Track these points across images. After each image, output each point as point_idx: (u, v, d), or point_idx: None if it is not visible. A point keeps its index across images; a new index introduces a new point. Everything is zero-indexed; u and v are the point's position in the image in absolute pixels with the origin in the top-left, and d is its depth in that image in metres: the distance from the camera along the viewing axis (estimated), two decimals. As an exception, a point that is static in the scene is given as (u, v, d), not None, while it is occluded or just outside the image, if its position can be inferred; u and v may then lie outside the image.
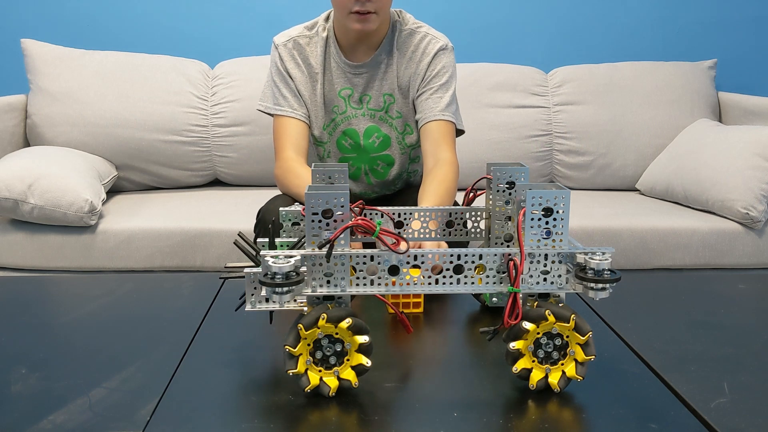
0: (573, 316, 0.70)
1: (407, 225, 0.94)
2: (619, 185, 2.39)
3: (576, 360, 0.72)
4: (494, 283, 0.72)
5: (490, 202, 0.90)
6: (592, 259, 0.69)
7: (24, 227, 1.83)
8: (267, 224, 1.36)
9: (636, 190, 2.37)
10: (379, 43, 1.43)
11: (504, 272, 0.72)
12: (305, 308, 0.71)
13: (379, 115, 1.47)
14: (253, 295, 0.70)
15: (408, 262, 0.70)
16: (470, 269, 0.71)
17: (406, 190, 1.60)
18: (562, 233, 0.71)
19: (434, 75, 1.43)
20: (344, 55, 1.44)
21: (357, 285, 0.71)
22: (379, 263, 0.70)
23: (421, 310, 0.95)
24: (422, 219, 0.94)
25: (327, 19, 1.46)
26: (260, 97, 1.49)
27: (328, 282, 0.70)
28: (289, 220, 0.87)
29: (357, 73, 1.45)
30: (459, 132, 1.49)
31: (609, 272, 0.69)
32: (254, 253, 0.77)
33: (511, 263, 0.70)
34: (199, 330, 0.89)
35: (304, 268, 0.68)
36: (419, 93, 1.44)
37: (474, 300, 1.00)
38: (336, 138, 1.49)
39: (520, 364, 0.71)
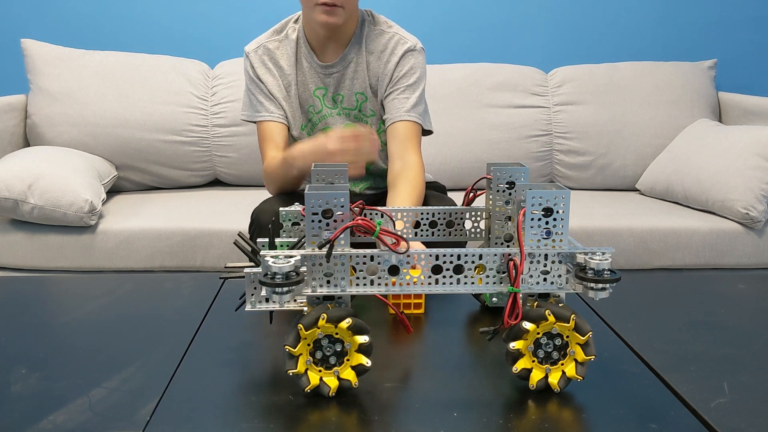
0: (573, 316, 0.70)
1: (407, 226, 0.94)
2: (619, 185, 2.39)
3: (576, 360, 0.72)
4: (494, 283, 0.72)
5: (490, 202, 0.90)
6: (592, 259, 0.69)
7: (24, 227, 1.83)
8: (261, 224, 1.37)
9: (636, 190, 2.37)
10: (348, 40, 1.44)
11: (504, 272, 0.72)
12: (305, 308, 0.71)
13: (353, 114, 1.48)
14: (253, 295, 0.70)
15: (408, 262, 0.70)
16: (470, 269, 0.71)
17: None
18: (562, 233, 0.71)
19: (402, 75, 1.43)
20: (315, 55, 1.46)
21: (357, 285, 0.71)
22: (379, 263, 0.70)
23: (422, 311, 0.95)
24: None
25: (297, 20, 1.48)
26: (242, 108, 1.52)
27: (328, 282, 0.70)
28: (289, 220, 0.87)
29: (328, 73, 1.46)
30: (427, 132, 1.50)
31: (609, 272, 0.69)
32: (254, 253, 0.77)
33: (511, 263, 0.70)
34: (199, 330, 0.89)
35: (304, 268, 0.68)
36: (387, 93, 1.45)
37: (474, 300, 1.00)
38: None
39: (520, 364, 0.71)
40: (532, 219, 0.70)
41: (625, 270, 1.85)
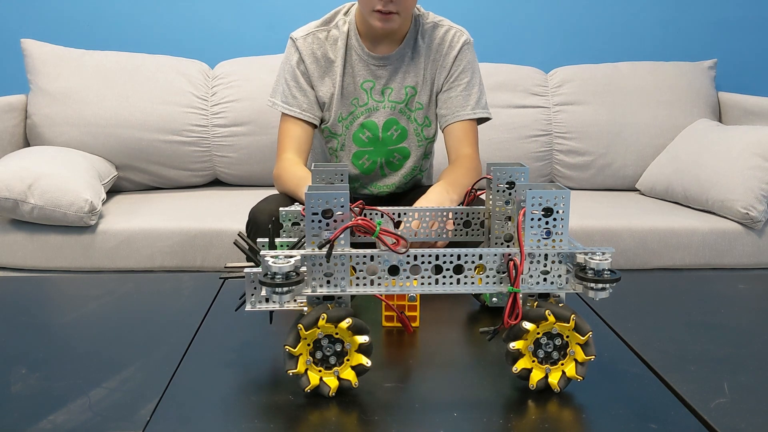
0: (573, 316, 0.70)
1: (407, 225, 0.94)
2: (619, 185, 2.39)
3: (576, 360, 0.72)
4: (494, 283, 0.72)
5: (490, 202, 0.90)
6: (592, 259, 0.69)
7: (24, 227, 1.83)
8: (258, 224, 1.36)
9: (636, 190, 2.37)
10: (402, 37, 1.46)
11: (504, 272, 0.72)
12: (305, 308, 0.71)
13: (399, 107, 1.48)
14: (253, 295, 0.70)
15: (408, 262, 0.70)
16: (470, 269, 0.71)
17: (412, 191, 1.60)
18: (562, 233, 0.71)
19: (460, 72, 1.47)
20: (367, 47, 1.45)
21: (357, 285, 0.71)
22: (379, 263, 0.70)
23: (416, 324, 0.91)
24: (422, 219, 0.93)
25: (347, 12, 1.47)
26: (271, 93, 1.50)
27: (328, 282, 0.70)
28: (289, 220, 0.87)
29: (381, 65, 1.46)
30: (486, 119, 1.53)
31: (609, 272, 0.69)
32: (254, 253, 0.77)
33: (511, 263, 0.70)
34: (199, 330, 0.89)
35: (304, 268, 0.68)
36: (445, 89, 1.47)
37: (474, 300, 1.00)
38: (353, 131, 1.49)
39: (520, 364, 0.71)
40: (532, 219, 0.70)
41: (625, 270, 1.85)
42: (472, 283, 0.72)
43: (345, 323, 0.68)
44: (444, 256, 0.71)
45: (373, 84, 1.47)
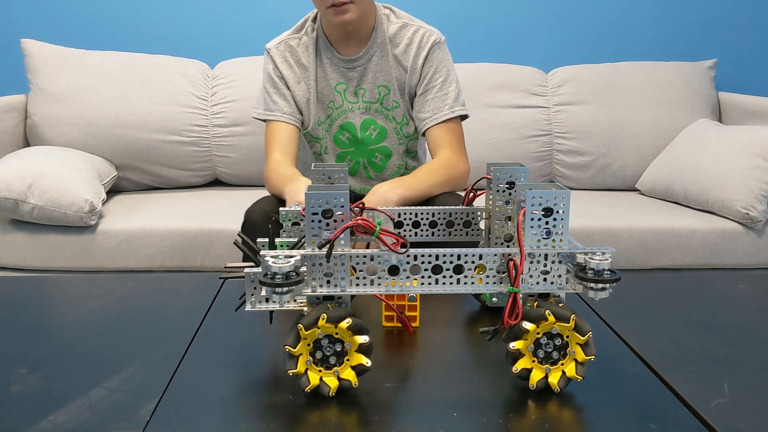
0: (573, 316, 0.70)
1: (407, 225, 0.94)
2: (619, 185, 2.39)
3: (576, 360, 0.72)
4: (494, 283, 0.72)
5: (490, 202, 0.90)
6: (592, 259, 0.69)
7: (24, 227, 1.83)
8: (253, 224, 1.37)
9: (636, 190, 2.37)
10: (369, 34, 1.46)
11: (504, 272, 0.72)
12: (305, 308, 0.71)
13: (374, 107, 1.49)
14: (253, 295, 0.70)
15: (408, 263, 0.70)
16: (470, 269, 0.71)
17: None
18: (562, 233, 0.71)
19: (433, 73, 1.46)
20: (336, 50, 1.47)
21: (357, 285, 0.71)
22: (379, 263, 0.70)
23: (417, 324, 0.91)
24: (423, 219, 0.93)
25: (314, 19, 1.49)
26: (255, 105, 1.53)
27: (328, 282, 0.70)
28: (289, 220, 0.87)
29: (351, 67, 1.48)
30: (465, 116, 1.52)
31: (609, 272, 0.69)
32: (254, 253, 0.77)
33: (511, 263, 0.70)
34: (199, 330, 0.88)
35: (304, 268, 0.68)
36: (421, 92, 1.47)
37: (474, 300, 1.00)
38: (333, 133, 1.51)
39: (520, 364, 0.71)
40: (532, 219, 0.70)
41: (625, 270, 1.85)
42: (472, 283, 0.72)
43: (345, 323, 0.68)
44: (444, 256, 0.71)
45: (346, 86, 1.48)
